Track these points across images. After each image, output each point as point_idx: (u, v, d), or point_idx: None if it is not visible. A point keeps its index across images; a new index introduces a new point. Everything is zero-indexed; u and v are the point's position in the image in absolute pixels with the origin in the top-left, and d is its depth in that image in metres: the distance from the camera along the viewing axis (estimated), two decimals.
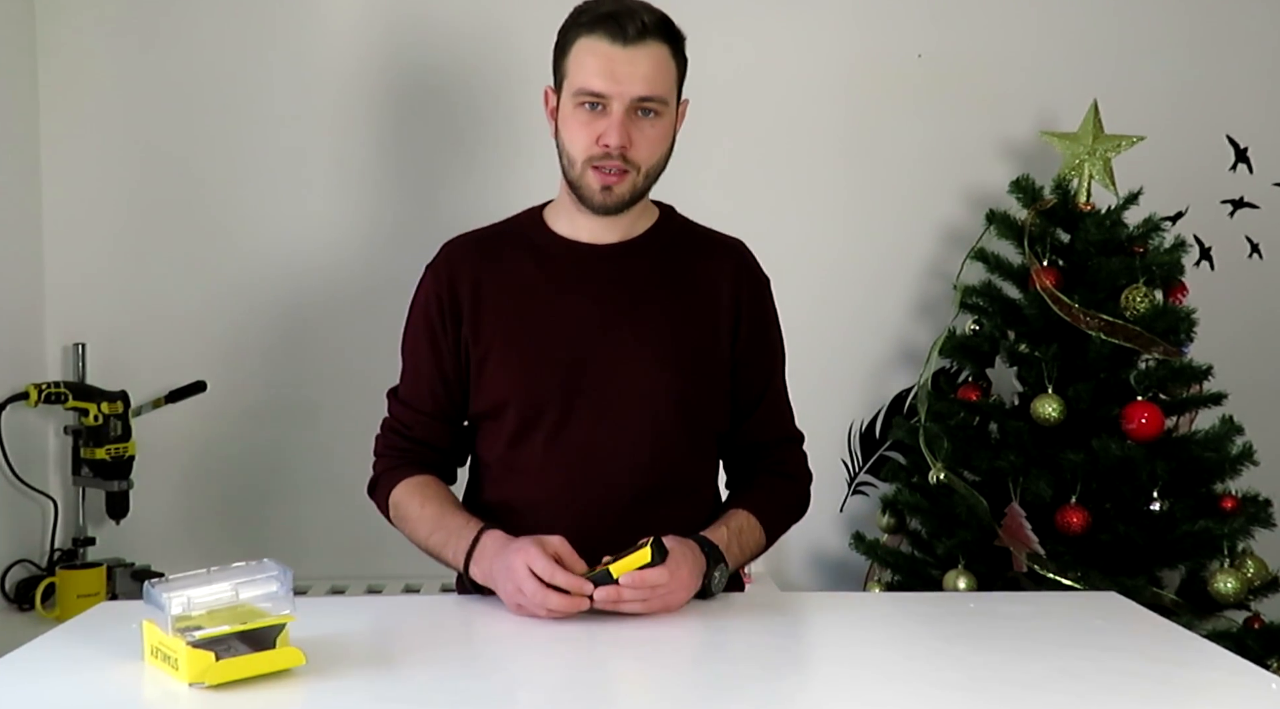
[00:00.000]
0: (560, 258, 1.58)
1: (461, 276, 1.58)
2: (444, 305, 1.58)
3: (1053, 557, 2.19)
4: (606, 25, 1.44)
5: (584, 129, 1.47)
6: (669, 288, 1.58)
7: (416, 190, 2.57)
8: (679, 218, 1.66)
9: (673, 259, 1.60)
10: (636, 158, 1.48)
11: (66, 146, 2.53)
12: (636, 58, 1.44)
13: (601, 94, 1.45)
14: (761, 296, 1.65)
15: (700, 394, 1.58)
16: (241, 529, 2.55)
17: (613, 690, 1.16)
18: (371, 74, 2.56)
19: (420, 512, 1.55)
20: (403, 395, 1.65)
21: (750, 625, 1.39)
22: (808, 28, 2.66)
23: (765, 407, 1.65)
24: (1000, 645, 1.31)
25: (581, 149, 1.48)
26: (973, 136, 2.69)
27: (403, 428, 1.64)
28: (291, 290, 2.55)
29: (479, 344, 1.56)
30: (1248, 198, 2.77)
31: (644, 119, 1.47)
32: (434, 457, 1.64)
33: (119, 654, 1.20)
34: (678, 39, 1.52)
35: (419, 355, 1.61)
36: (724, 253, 1.65)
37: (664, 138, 1.51)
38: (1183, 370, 2.30)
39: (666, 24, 1.49)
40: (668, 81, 1.49)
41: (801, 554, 2.73)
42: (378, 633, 1.33)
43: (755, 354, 1.63)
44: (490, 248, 1.61)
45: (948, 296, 2.59)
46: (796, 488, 1.68)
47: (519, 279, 1.57)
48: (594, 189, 1.49)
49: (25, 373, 2.43)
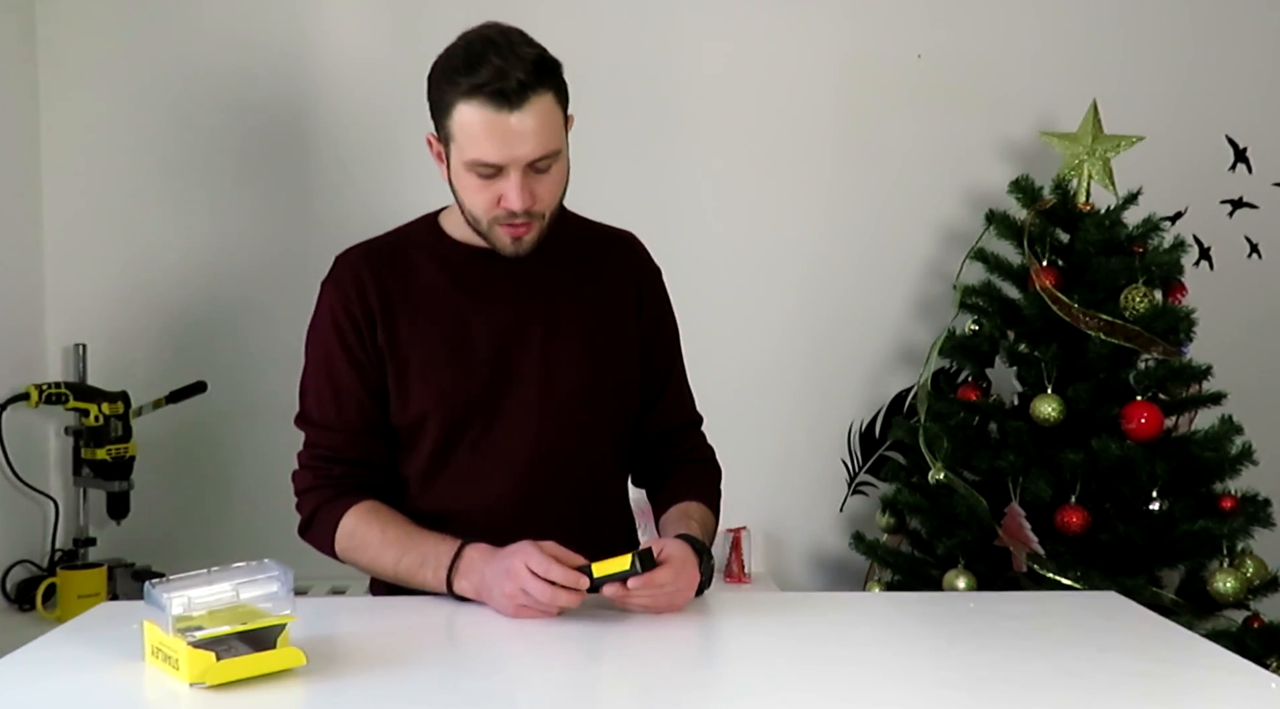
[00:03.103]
0: (466, 264, 1.55)
1: (367, 287, 1.53)
2: (354, 317, 1.52)
3: (1053, 557, 2.19)
4: (486, 93, 1.37)
5: (482, 194, 1.44)
6: (576, 286, 1.58)
7: (419, 188, 2.57)
8: (571, 216, 1.64)
9: (574, 258, 1.60)
10: (541, 208, 1.46)
11: (66, 146, 2.53)
12: (524, 120, 1.39)
13: (495, 164, 1.42)
14: (656, 285, 1.67)
15: (618, 387, 1.59)
16: (241, 529, 2.55)
17: (613, 690, 1.16)
18: (371, 72, 2.56)
19: (382, 538, 1.48)
20: (322, 419, 1.55)
21: (750, 625, 1.39)
22: (807, 28, 2.66)
23: (670, 393, 1.67)
24: (1000, 645, 1.31)
25: (483, 211, 1.46)
26: (972, 136, 2.69)
27: (331, 452, 1.54)
28: (292, 290, 2.54)
29: (396, 356, 1.52)
30: (1247, 198, 2.77)
31: (542, 173, 1.45)
32: (374, 477, 1.56)
33: (119, 654, 1.20)
34: (556, 73, 1.44)
35: (336, 372, 1.53)
36: (621, 247, 1.66)
37: (561, 178, 1.49)
38: (1182, 370, 2.30)
39: (541, 66, 1.41)
40: (557, 130, 1.44)
41: (801, 554, 2.73)
42: (378, 633, 1.33)
43: (658, 342, 1.65)
44: (389, 258, 1.57)
45: (948, 296, 2.59)
46: (715, 472, 1.70)
47: (426, 287, 1.54)
48: (505, 241, 1.48)
49: (26, 373, 2.43)
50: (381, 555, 1.49)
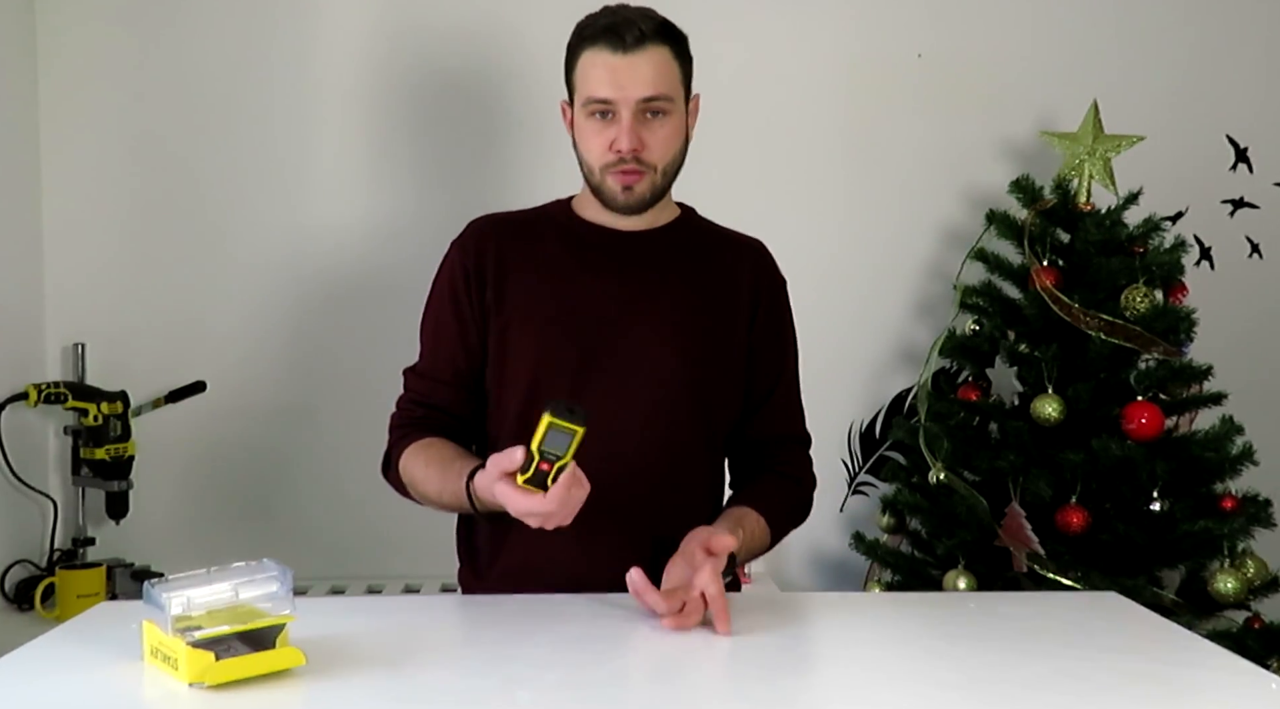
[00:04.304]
0: (585, 239, 1.61)
1: (487, 250, 1.59)
2: (469, 275, 1.58)
3: (1053, 557, 2.19)
4: (606, 36, 1.49)
5: (597, 138, 1.52)
6: (690, 276, 1.61)
7: (417, 191, 2.57)
8: (701, 218, 1.71)
9: (695, 250, 1.64)
10: (651, 158, 1.52)
11: (66, 146, 2.53)
12: (637, 63, 1.48)
13: (608, 100, 1.49)
14: (778, 295, 1.69)
15: (713, 382, 1.59)
16: (241, 529, 2.55)
17: (613, 690, 1.16)
18: (370, 74, 2.56)
19: (425, 472, 1.52)
20: (421, 369, 1.64)
21: (750, 625, 1.39)
22: (807, 28, 2.66)
23: (775, 402, 1.67)
24: (1000, 645, 1.31)
25: (597, 157, 1.53)
26: (973, 136, 2.69)
27: (419, 396, 1.62)
28: (292, 291, 2.55)
29: (500, 314, 1.57)
30: (1248, 198, 2.77)
31: (653, 120, 1.52)
32: (449, 422, 1.61)
33: (119, 654, 1.20)
34: (679, 39, 1.56)
35: (441, 325, 1.61)
36: (745, 249, 1.69)
37: (675, 135, 1.55)
38: (1183, 370, 2.30)
39: (666, 27, 1.53)
40: (671, 80, 1.53)
41: (801, 554, 2.73)
42: (378, 633, 1.33)
43: (769, 349, 1.65)
44: (517, 227, 1.63)
45: (948, 296, 2.59)
46: (802, 493, 1.69)
47: (544, 256, 1.60)
48: (615, 191, 1.54)
49: (25, 373, 2.43)
50: (428, 491, 1.53)
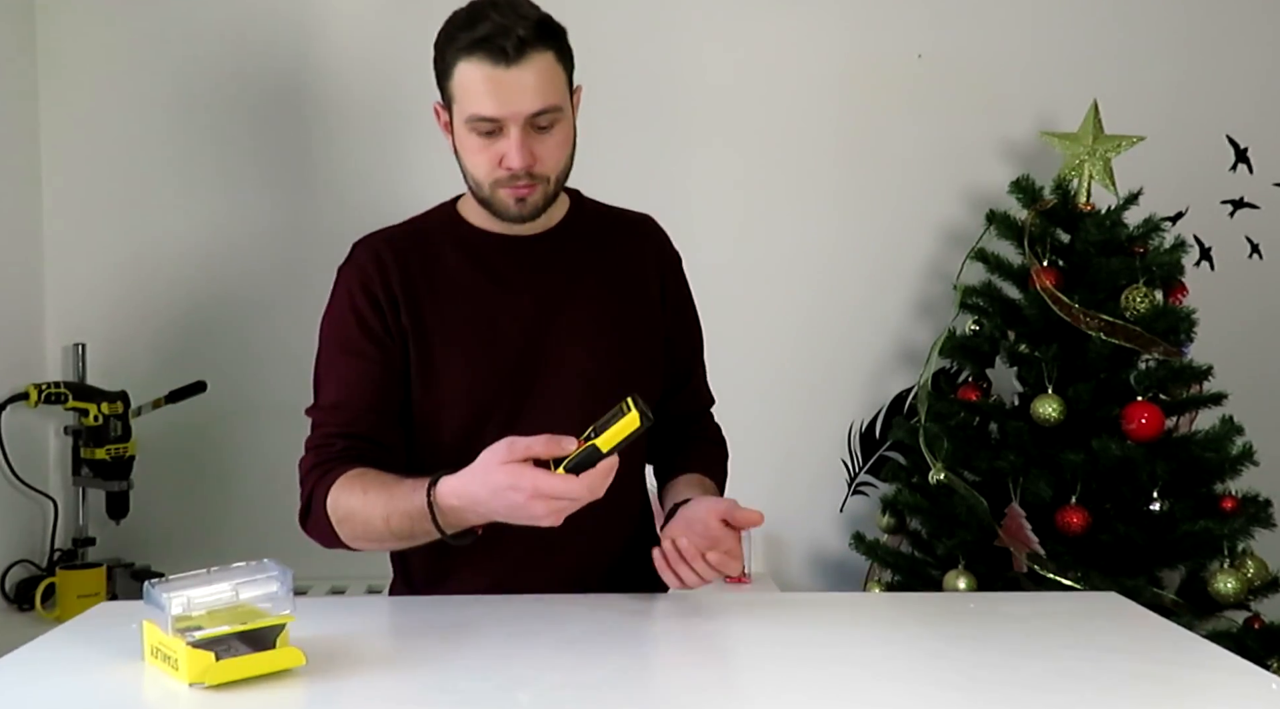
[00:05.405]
0: (488, 251, 1.54)
1: (389, 268, 1.49)
2: (375, 296, 1.48)
3: (1053, 557, 2.19)
4: (485, 48, 1.37)
5: (483, 154, 1.43)
6: (598, 272, 1.57)
7: (417, 191, 2.57)
8: (589, 202, 1.64)
9: (596, 243, 1.59)
10: (543, 170, 1.44)
11: (66, 146, 2.53)
12: (522, 75, 1.38)
13: (494, 118, 1.39)
14: (679, 271, 1.67)
15: (640, 370, 1.58)
16: (241, 529, 2.55)
17: (613, 690, 1.16)
18: (368, 73, 2.56)
19: (364, 500, 1.39)
20: (334, 401, 1.49)
21: (750, 625, 1.39)
22: (807, 28, 2.66)
23: (694, 379, 1.69)
24: (1000, 645, 1.30)
25: (485, 173, 1.44)
26: (972, 137, 2.69)
27: (338, 428, 1.48)
28: (291, 290, 2.54)
29: (420, 338, 1.49)
30: (1248, 198, 2.77)
31: (542, 132, 1.43)
32: (377, 452, 1.47)
33: (119, 654, 1.20)
34: (560, 36, 1.44)
35: (353, 353, 1.49)
36: (641, 231, 1.65)
37: (565, 141, 1.47)
38: (1183, 370, 2.30)
39: (544, 26, 1.41)
40: (558, 87, 1.43)
41: (801, 554, 2.73)
42: (378, 633, 1.33)
43: (681, 328, 1.66)
44: (410, 243, 1.55)
45: (948, 297, 2.59)
46: (723, 453, 1.72)
47: (450, 273, 1.52)
48: (508, 204, 1.46)
49: (25, 373, 2.43)
50: (371, 520, 1.39)
